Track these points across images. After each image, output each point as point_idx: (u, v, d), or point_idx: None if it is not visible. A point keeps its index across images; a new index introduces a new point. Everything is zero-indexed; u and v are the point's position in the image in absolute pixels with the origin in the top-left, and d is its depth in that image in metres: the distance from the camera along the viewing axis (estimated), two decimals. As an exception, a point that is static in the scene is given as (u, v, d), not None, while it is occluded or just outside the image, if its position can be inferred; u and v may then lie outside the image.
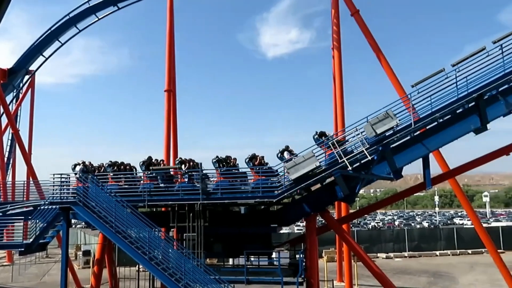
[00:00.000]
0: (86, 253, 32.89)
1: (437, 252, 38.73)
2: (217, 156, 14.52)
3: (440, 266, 32.73)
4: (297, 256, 14.03)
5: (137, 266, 16.72)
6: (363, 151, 12.35)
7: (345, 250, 22.08)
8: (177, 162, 15.11)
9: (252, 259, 15.72)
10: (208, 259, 18.03)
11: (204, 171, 14.27)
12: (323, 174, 12.89)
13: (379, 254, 37.78)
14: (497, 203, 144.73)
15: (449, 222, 73.28)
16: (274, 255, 15.27)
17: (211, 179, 14.56)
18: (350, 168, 12.48)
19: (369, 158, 12.52)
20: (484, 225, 53.93)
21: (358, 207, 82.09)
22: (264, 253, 14.69)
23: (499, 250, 37.81)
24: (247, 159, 14.33)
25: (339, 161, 12.55)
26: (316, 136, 13.87)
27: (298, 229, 48.01)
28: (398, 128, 12.60)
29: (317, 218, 15.39)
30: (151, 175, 14.73)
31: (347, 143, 13.23)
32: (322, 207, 13.84)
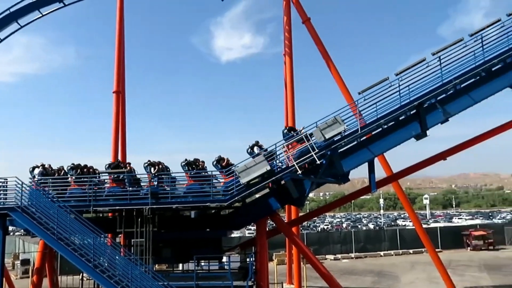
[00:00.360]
0: (25, 262, 30.94)
1: (382, 253, 40.42)
2: (186, 159, 14.34)
3: (384, 266, 34.17)
4: (248, 259, 14.07)
5: (80, 274, 15.97)
6: (312, 155, 12.66)
7: (295, 253, 22.46)
8: (146, 165, 14.61)
9: (202, 263, 15.57)
10: (157, 265, 17.64)
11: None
12: (274, 178, 13.06)
13: (327, 256, 38.80)
14: (436, 205, 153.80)
15: (393, 223, 76.77)
16: (224, 259, 15.22)
17: (181, 183, 14.29)
18: (299, 172, 12.74)
19: (318, 162, 12.85)
20: (424, 226, 57.08)
21: (308, 210, 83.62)
22: (214, 258, 14.59)
23: (437, 249, 40.22)
24: (215, 162, 14.23)
25: (289, 165, 12.78)
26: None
27: (249, 233, 48.21)
28: (345, 133, 13.05)
29: (268, 221, 15.55)
30: (117, 178, 14.21)
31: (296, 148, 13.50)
32: (272, 211, 13.99)
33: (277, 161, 13.39)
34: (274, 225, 15.32)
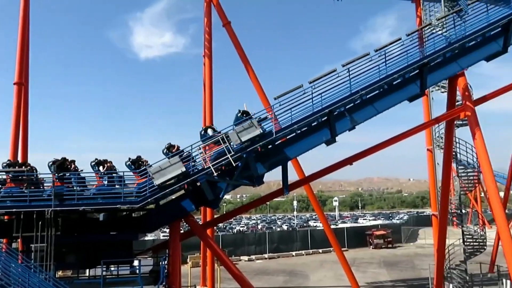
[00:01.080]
0: None
1: (293, 253, 42.03)
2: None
3: (295, 265, 35.57)
4: (160, 263, 13.73)
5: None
6: (228, 157, 12.76)
7: (209, 255, 22.40)
8: (93, 163, 13.70)
9: (112, 268, 14.83)
10: (61, 271, 16.40)
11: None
12: (189, 179, 12.92)
13: (242, 257, 39.31)
14: (344, 207, 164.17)
15: (305, 224, 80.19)
16: (136, 263, 14.65)
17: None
18: (215, 174, 12.77)
19: (234, 164, 13.00)
20: (333, 226, 60.57)
21: (225, 212, 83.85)
22: (124, 262, 13.97)
23: (344, 248, 42.93)
24: (165, 149, 13.81)
25: (205, 167, 12.75)
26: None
27: (164, 235, 46.97)
28: (261, 137, 13.35)
29: (182, 223, 15.32)
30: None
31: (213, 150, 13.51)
32: (186, 213, 13.82)
33: (193, 163, 13.27)
34: (188, 227, 15.14)
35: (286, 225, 78.11)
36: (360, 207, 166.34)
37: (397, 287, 26.38)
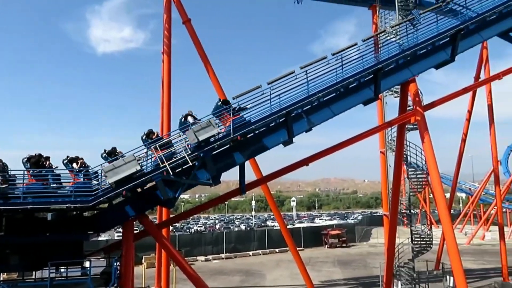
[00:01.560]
0: None
1: (251, 252, 42.23)
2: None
3: (252, 265, 35.75)
4: (113, 264, 13.31)
5: None
6: (185, 156, 12.61)
7: (164, 255, 22.03)
8: (65, 161, 13.22)
9: (62, 270, 14.22)
10: (6, 273, 15.53)
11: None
12: (144, 178, 12.64)
13: (198, 257, 39.02)
14: (302, 207, 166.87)
15: (263, 224, 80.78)
16: (88, 264, 14.13)
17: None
18: (171, 173, 12.58)
19: (191, 164, 12.86)
20: (290, 226, 61.39)
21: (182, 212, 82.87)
22: (74, 263, 13.43)
23: (300, 248, 43.63)
24: (144, 136, 13.48)
25: (161, 165, 12.52)
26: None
27: (118, 236, 45.68)
28: (219, 136, 13.31)
29: (137, 223, 14.97)
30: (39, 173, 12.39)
31: (171, 147, 13.30)
32: (140, 212, 13.51)
33: (149, 161, 13.01)
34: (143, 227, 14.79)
35: (244, 225, 78.31)
36: (317, 207, 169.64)
37: (349, 285, 27.16)
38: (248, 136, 14.21)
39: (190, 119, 13.88)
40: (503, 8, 16.33)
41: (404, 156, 19.25)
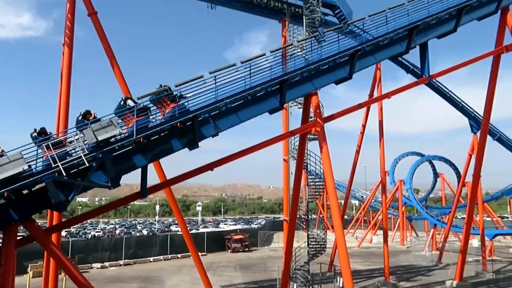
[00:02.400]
0: None
1: (151, 258, 40.89)
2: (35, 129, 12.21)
3: (152, 271, 34.62)
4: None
5: None
6: (81, 156, 11.78)
7: (52, 263, 20.23)
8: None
9: None
10: None
11: None
12: (33, 178, 11.52)
13: (94, 264, 36.68)
14: (207, 212, 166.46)
15: (166, 229, 78.81)
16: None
17: None
18: (64, 174, 11.64)
19: (87, 164, 12.05)
20: (194, 231, 60.81)
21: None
22: None
23: (203, 253, 43.41)
24: (80, 117, 12.64)
25: (53, 165, 11.53)
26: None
27: (0, 242, 40.97)
28: (121, 137, 12.70)
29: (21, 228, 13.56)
30: None
31: (66, 147, 12.33)
32: (26, 216, 12.25)
33: (39, 160, 11.90)
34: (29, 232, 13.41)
35: (146, 230, 75.58)
36: (222, 212, 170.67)
37: (249, 289, 27.75)
38: (152, 138, 13.79)
39: (130, 102, 13.20)
40: (394, 35, 18.18)
41: (305, 164, 20.34)
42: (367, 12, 21.72)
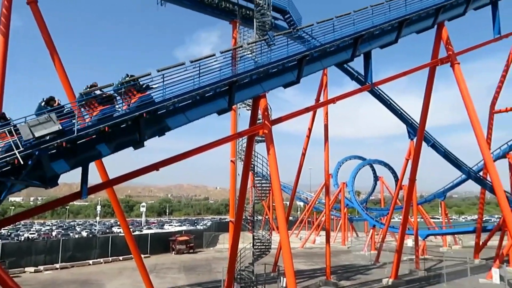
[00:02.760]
0: None
1: (91, 261, 39.18)
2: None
3: (91, 274, 33.17)
4: None
5: None
6: (15, 153, 11.03)
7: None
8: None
9: None
10: None
11: None
12: (-42, 176, 10.63)
13: (27, 268, 34.46)
14: (152, 213, 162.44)
15: (108, 230, 75.91)
16: None
17: None
18: (-4, 172, 10.86)
19: (22, 162, 11.31)
20: (138, 233, 59.16)
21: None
22: None
23: (146, 255, 42.34)
24: (43, 103, 12.18)
25: (-17, 162, 10.71)
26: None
27: None
28: (60, 134, 12.04)
29: None
30: None
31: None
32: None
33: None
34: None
35: (86, 232, 72.28)
36: (168, 213, 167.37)
37: (193, 291, 27.43)
38: (93, 136, 13.23)
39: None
40: (340, 42, 18.87)
41: (252, 165, 20.50)
42: (316, 19, 22.40)
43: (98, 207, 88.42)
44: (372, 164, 61.91)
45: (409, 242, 40.32)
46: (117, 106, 13.34)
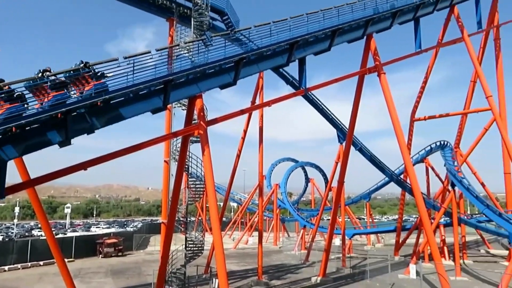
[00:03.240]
0: None
1: (6, 267, 36.18)
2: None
3: (7, 281, 30.61)
4: None
5: None
6: None
7: None
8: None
9: None
10: None
11: None
12: None
13: None
14: (78, 214, 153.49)
15: (27, 234, 70.52)
16: None
17: None
18: None
19: None
20: (61, 235, 55.69)
21: None
22: None
23: (70, 259, 39.99)
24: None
25: None
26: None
27: None
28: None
29: None
30: None
31: None
32: None
33: None
34: None
35: (2, 235, 66.44)
36: (95, 215, 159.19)
37: (121, 295, 26.38)
38: (16, 131, 12.23)
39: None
40: (277, 47, 19.31)
41: (186, 166, 20.23)
42: (253, 23, 22.71)
43: (16, 209, 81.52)
44: (304, 167, 64.01)
45: (336, 241, 42.23)
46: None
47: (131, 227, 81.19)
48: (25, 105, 11.92)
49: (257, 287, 27.85)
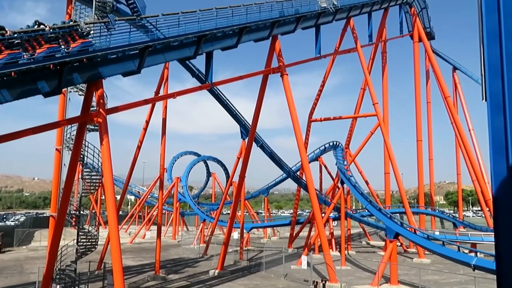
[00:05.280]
0: None
1: None
2: None
3: None
4: None
5: None
6: None
7: None
8: None
9: None
10: None
11: None
12: None
13: None
14: None
15: None
16: None
17: None
18: None
19: None
20: None
21: None
22: None
23: None
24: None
25: None
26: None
27: None
28: None
29: None
30: None
31: None
32: None
33: None
34: None
35: None
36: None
37: (-3, 297, 23.77)
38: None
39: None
40: (184, 39, 19.07)
41: (81, 156, 18.97)
42: (161, 11, 22.05)
43: None
44: (206, 161, 64.13)
45: (235, 234, 43.21)
46: None
47: (12, 221, 73.13)
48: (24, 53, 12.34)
49: (153, 282, 27.28)
